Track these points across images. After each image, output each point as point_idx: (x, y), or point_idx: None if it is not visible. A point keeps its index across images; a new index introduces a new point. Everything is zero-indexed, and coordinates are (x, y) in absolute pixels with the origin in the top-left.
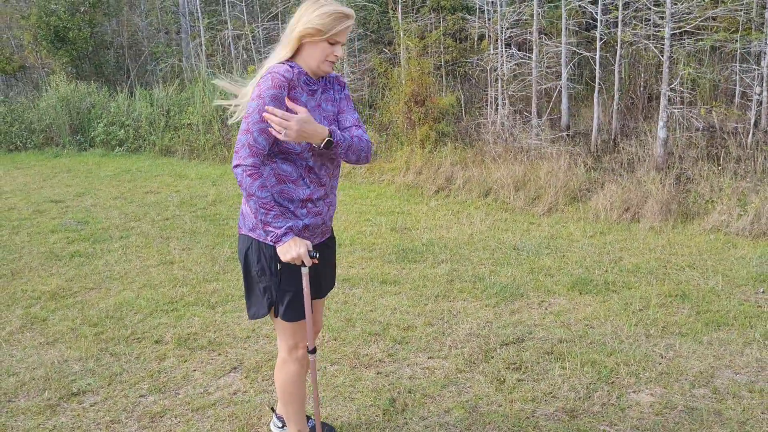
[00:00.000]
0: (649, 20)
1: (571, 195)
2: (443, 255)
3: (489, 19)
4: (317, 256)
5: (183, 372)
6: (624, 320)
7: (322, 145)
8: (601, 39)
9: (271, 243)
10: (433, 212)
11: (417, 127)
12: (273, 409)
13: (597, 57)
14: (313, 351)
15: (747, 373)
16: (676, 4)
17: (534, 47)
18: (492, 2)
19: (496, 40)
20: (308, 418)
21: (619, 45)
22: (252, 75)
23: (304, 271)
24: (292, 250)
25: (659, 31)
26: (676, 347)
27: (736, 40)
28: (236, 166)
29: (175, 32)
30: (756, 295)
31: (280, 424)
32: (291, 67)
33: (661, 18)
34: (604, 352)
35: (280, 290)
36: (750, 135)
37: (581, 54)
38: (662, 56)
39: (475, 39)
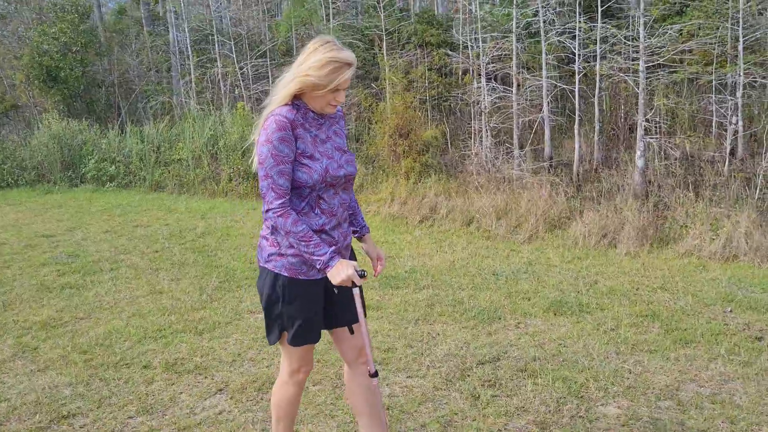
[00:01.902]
0: (626, 54)
1: (551, 223)
2: (425, 281)
3: (471, 55)
4: (365, 273)
5: (170, 394)
6: (596, 339)
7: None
8: (580, 72)
9: (320, 270)
10: (417, 241)
11: (402, 160)
12: None
13: (576, 90)
14: (375, 375)
15: (711, 386)
16: (649, 38)
17: (514, 81)
18: (475, 38)
19: (479, 75)
20: None
21: (597, 78)
22: (241, 111)
23: (356, 291)
24: (342, 272)
25: (635, 64)
26: (644, 363)
27: (711, 72)
28: (266, 210)
29: (165, 70)
30: (723, 314)
31: None
32: (296, 108)
33: (636, 52)
34: (576, 369)
35: (291, 317)
36: (726, 163)
37: (561, 87)
38: (638, 88)
39: (459, 74)
